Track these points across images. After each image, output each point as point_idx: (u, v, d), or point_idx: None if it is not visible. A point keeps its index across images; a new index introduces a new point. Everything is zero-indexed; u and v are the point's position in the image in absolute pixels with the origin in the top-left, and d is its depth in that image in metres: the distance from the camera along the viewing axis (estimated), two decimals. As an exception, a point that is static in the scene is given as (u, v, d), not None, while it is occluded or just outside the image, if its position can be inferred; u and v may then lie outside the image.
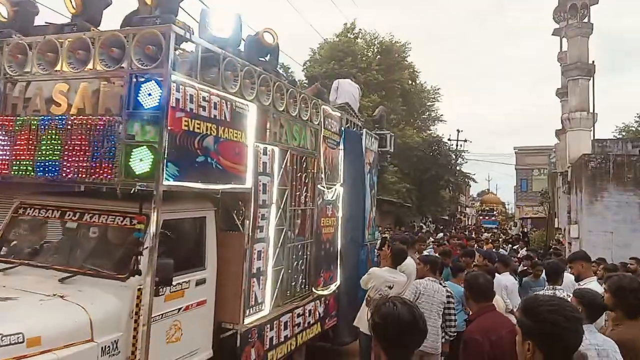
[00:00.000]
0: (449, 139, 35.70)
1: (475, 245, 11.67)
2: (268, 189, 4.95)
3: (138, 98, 3.60)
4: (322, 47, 27.29)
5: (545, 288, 5.15)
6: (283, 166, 5.28)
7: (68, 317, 3.21)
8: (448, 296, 5.34)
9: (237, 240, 4.63)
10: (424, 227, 28.70)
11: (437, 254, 7.33)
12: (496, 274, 5.96)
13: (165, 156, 3.52)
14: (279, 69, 5.38)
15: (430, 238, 15.10)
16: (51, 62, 3.92)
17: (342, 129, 7.02)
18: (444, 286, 5.46)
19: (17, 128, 3.90)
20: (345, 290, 6.95)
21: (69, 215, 4.00)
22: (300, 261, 5.86)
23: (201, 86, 3.91)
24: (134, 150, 3.56)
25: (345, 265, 6.97)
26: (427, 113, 34.90)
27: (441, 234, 19.84)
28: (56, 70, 3.89)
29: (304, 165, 5.85)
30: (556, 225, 21.18)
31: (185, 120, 3.72)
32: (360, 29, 29.27)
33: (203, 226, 4.39)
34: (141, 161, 3.54)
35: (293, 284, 5.68)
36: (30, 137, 3.86)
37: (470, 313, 3.76)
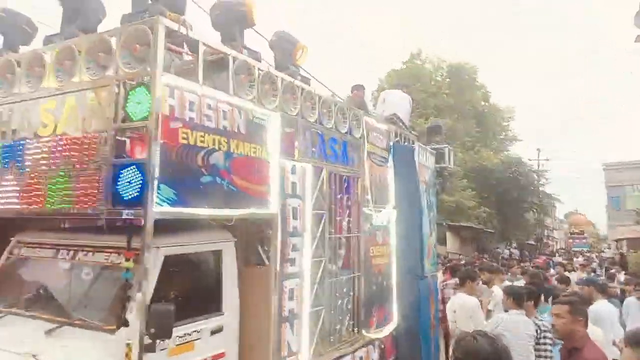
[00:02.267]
0: (529, 159, 33.87)
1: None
2: (299, 213, 4.17)
3: (126, 109, 2.99)
4: (390, 76, 27.15)
5: None
6: (318, 187, 4.49)
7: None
8: (544, 330, 4.75)
9: (262, 277, 3.86)
10: (508, 252, 26.77)
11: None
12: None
13: (157, 176, 2.84)
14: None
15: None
16: (38, 77, 3.43)
17: (391, 143, 6.16)
18: (540, 319, 4.90)
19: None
20: (404, 331, 5.93)
21: (62, 254, 3.42)
22: (346, 299, 4.96)
23: (205, 92, 3.24)
24: (121, 171, 2.93)
25: (403, 302, 5.96)
26: (503, 133, 33.88)
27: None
28: (42, 88, 3.38)
29: (345, 186, 5.03)
30: (658, 246, 18.69)
31: (184, 132, 3.05)
32: (427, 55, 29.10)
33: (219, 261, 3.65)
34: (130, 184, 2.89)
35: (338, 327, 4.78)
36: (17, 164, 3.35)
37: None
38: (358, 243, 5.22)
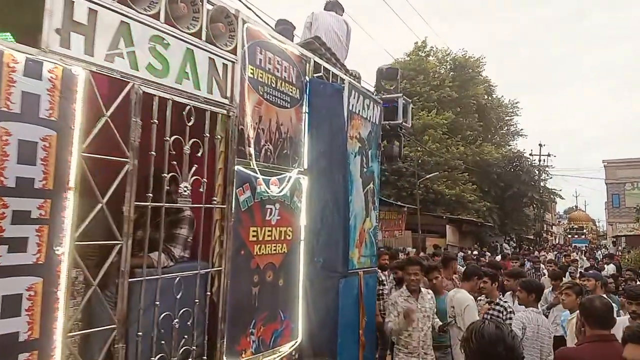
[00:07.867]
0: (530, 154, 33.94)
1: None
2: (46, 154, 2.21)
3: None
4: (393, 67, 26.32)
5: None
6: (110, 114, 2.52)
7: None
8: (510, 312, 4.81)
9: None
10: (508, 247, 26.06)
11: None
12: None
13: None
14: None
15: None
16: None
17: (307, 78, 4.17)
18: (505, 301, 5.14)
19: None
20: (312, 352, 4.03)
21: None
22: (185, 309, 3.01)
23: None
24: None
25: (313, 310, 4.05)
26: (506, 128, 34.26)
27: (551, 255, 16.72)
28: None
29: (192, 123, 3.03)
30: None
31: None
32: (431, 47, 28.59)
33: None
34: None
35: (159, 356, 2.84)
36: None
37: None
38: (222, 220, 3.26)
